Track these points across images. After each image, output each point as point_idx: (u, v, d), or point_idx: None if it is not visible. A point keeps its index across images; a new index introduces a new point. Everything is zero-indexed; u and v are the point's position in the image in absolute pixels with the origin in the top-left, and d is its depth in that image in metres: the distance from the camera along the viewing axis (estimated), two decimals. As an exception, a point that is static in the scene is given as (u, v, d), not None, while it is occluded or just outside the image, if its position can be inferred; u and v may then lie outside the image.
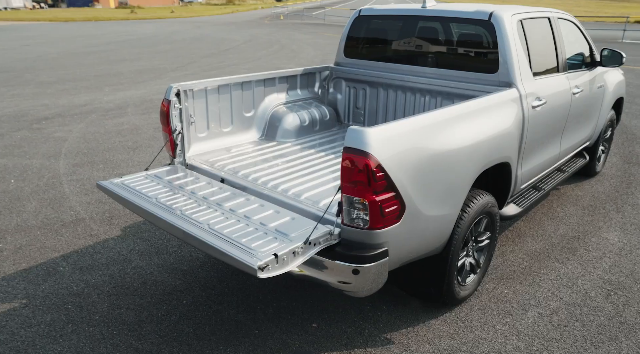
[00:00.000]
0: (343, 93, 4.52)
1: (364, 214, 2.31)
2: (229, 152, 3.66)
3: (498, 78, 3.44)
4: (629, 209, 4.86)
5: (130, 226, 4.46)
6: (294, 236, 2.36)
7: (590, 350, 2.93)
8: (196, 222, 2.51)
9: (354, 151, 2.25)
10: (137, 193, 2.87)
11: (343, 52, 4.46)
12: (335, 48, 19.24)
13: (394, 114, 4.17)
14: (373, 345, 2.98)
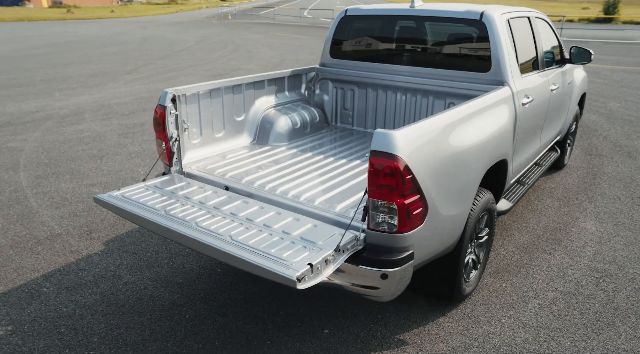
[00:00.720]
0: (330, 94, 4.50)
1: (392, 217, 2.30)
2: (225, 159, 3.54)
3: (490, 77, 3.53)
4: (599, 198, 5.14)
5: (113, 240, 4.23)
6: (321, 244, 2.31)
7: (593, 337, 3.07)
8: (216, 234, 2.40)
9: (381, 154, 2.23)
10: (143, 206, 2.71)
11: (329, 53, 4.43)
12: (290, 48, 19.15)
13: (384, 114, 4.19)
14: (388, 347, 2.98)
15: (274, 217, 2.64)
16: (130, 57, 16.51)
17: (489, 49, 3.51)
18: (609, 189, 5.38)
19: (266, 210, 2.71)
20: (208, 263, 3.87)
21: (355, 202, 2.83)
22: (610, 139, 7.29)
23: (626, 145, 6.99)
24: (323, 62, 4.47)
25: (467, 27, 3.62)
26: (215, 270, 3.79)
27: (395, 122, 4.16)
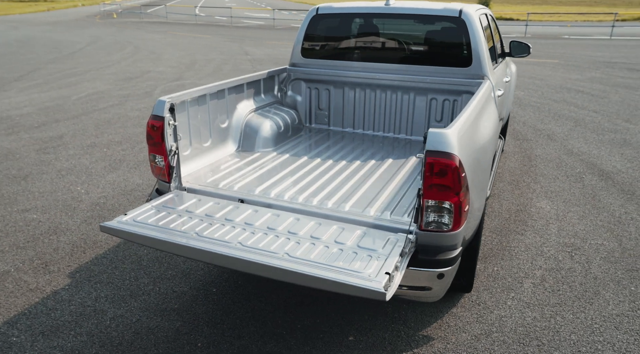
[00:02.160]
0: (303, 95, 4.37)
1: (443, 216, 2.29)
2: (220, 169, 3.29)
3: (472, 71, 3.68)
4: (542, 179, 5.63)
5: (78, 270, 3.73)
6: (383, 251, 2.23)
7: (588, 307, 3.35)
8: (270, 252, 2.20)
9: (437, 153, 2.21)
10: (167, 230, 2.40)
11: (300, 53, 4.29)
12: (197, 48, 18.37)
13: (363, 113, 4.17)
14: (417, 345, 2.99)
15: (317, 228, 2.51)
16: (12, 61, 14.66)
17: (469, 45, 3.66)
18: (545, 170, 5.92)
19: (304, 221, 2.55)
20: (199, 284, 3.57)
21: (383, 203, 2.80)
22: (529, 124, 8.03)
23: (544, 129, 7.74)
24: (294, 62, 4.33)
25: (446, 24, 3.74)
26: (210, 290, 3.51)
27: (376, 121, 4.17)
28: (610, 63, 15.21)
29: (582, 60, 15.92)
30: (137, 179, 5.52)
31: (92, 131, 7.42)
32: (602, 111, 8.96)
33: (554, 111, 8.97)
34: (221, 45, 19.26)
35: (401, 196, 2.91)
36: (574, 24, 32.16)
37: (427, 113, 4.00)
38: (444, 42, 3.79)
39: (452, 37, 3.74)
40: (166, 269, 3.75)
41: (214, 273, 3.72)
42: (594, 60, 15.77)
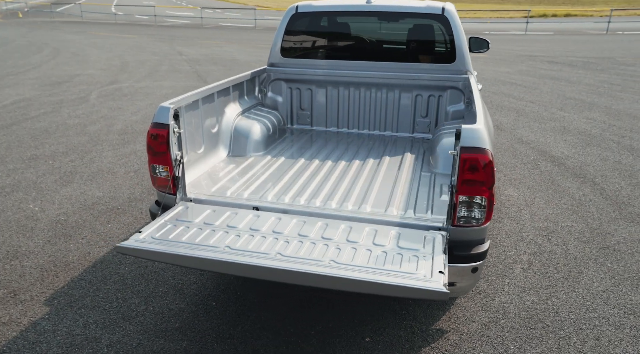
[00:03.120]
0: (284, 95, 4.24)
1: (478, 211, 2.32)
2: (220, 177, 3.12)
3: (455, 67, 3.76)
4: (503, 168, 5.92)
5: (55, 296, 3.38)
6: (425, 250, 2.21)
7: (576, 286, 3.56)
8: (314, 261, 2.09)
9: (473, 149, 2.23)
10: (193, 245, 2.21)
11: (280, 52, 4.16)
12: (124, 48, 17.40)
13: (348, 112, 4.13)
14: (433, 340, 3.01)
15: (350, 231, 2.44)
16: None
17: (452, 41, 3.74)
18: (504, 159, 6.22)
19: (333, 226, 2.47)
20: (195, 299, 3.37)
21: (401, 202, 2.80)
22: (476, 116, 8.42)
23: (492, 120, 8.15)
24: (273, 62, 4.19)
25: (429, 21, 3.79)
26: (209, 304, 3.33)
27: (361, 119, 4.15)
28: (532, 56, 16.36)
29: (507, 54, 16.97)
30: (96, 192, 5.12)
31: (29, 142, 6.78)
32: (537, 101, 9.59)
33: (496, 102, 9.47)
34: (151, 46, 18.39)
35: (415, 194, 2.92)
36: (492, 21, 34.25)
37: (412, 110, 4.05)
38: (427, 39, 3.85)
39: (436, 34, 3.81)
40: (155, 286, 3.51)
41: (209, 285, 3.53)
42: (517, 54, 16.88)
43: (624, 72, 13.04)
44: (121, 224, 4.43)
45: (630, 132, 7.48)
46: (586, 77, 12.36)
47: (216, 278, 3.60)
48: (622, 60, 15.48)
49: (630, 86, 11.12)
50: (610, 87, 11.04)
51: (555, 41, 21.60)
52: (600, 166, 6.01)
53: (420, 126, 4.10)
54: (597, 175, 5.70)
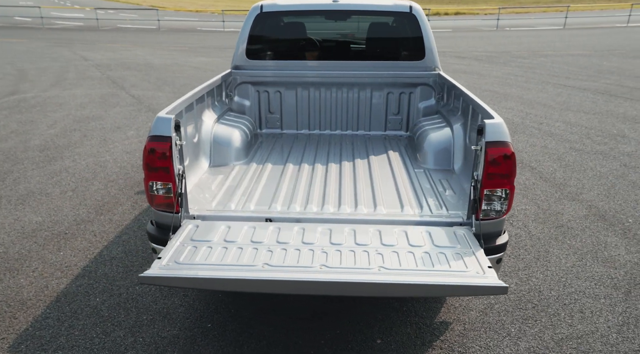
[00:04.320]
0: (252, 99, 4.05)
1: (499, 203, 2.38)
2: (212, 189, 2.92)
3: (425, 64, 3.85)
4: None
5: (19, 341, 2.94)
6: (461, 247, 2.22)
7: (548, 265, 3.82)
8: (363, 269, 2.01)
9: (497, 144, 2.28)
10: (227, 267, 2.01)
11: (245, 54, 3.95)
12: (14, 54, 15.68)
13: (319, 113, 4.04)
14: (441, 333, 3.07)
15: (379, 235, 2.39)
16: None
17: (422, 39, 3.82)
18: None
19: (362, 231, 2.42)
20: (187, 322, 3.12)
21: (410, 201, 2.81)
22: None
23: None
24: (238, 64, 3.97)
25: (397, 19, 3.83)
26: (205, 326, 3.10)
27: (333, 120, 4.08)
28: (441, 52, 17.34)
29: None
30: (33, 217, 4.55)
31: None
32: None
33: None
34: (47, 51, 16.77)
35: (421, 191, 2.96)
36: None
37: (385, 108, 4.08)
38: (396, 37, 3.90)
39: (405, 32, 3.87)
40: (138, 315, 3.19)
41: (197, 306, 3.28)
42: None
43: (522, 65, 14.34)
44: (76, 251, 3.98)
45: (545, 119, 8.23)
46: (493, 70, 13.40)
47: (205, 297, 3.36)
48: (518, 53, 17.01)
49: (531, 77, 12.25)
50: (516, 78, 12.07)
51: (456, 38, 23.14)
52: (531, 151, 6.53)
53: (392, 124, 4.16)
54: (531, 160, 6.19)
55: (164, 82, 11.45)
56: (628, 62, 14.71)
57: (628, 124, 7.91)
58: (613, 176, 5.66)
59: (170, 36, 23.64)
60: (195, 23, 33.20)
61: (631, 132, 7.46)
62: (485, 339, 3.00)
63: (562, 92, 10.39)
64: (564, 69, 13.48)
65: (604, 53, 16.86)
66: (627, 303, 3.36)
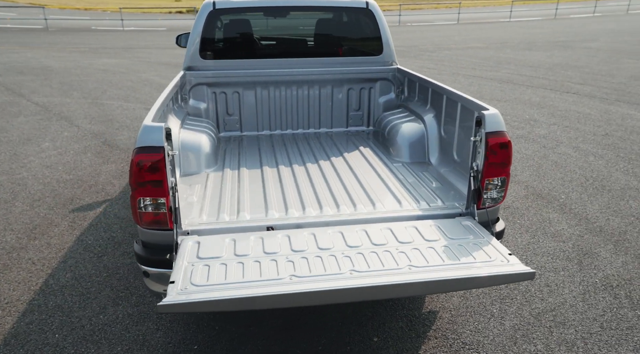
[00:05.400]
0: (207, 101, 3.77)
1: (497, 191, 2.45)
2: (194, 201, 2.70)
3: (383, 59, 3.86)
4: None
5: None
6: (476, 237, 2.27)
7: (506, 245, 4.06)
8: (393, 270, 1.94)
9: (496, 133, 2.33)
10: (251, 283, 1.85)
11: (198, 54, 3.67)
12: None
13: (280, 112, 3.88)
14: (431, 323, 3.12)
15: (392, 233, 2.35)
16: None
17: (379, 34, 3.82)
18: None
19: (373, 231, 2.37)
20: (169, 348, 2.87)
21: (403, 195, 2.82)
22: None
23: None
24: (191, 65, 3.68)
25: (354, 15, 3.80)
26: (191, 348, 2.87)
27: (294, 118, 3.94)
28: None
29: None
30: (-51, 249, 3.90)
31: None
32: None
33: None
34: None
35: (409, 185, 2.99)
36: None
37: (346, 104, 4.03)
38: (354, 33, 3.87)
39: (362, 27, 3.85)
40: (111, 347, 2.87)
41: (176, 328, 3.03)
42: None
43: (432, 58, 15.15)
44: (14, 283, 3.48)
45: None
46: (407, 63, 13.98)
47: (182, 317, 3.11)
48: (424, 47, 17.94)
49: (443, 69, 12.98)
50: (429, 71, 12.71)
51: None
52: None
53: (354, 120, 4.13)
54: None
55: (70, 87, 10.46)
56: (520, 53, 16.16)
57: (535, 109, 8.68)
58: (538, 157, 6.16)
59: (63, 36, 21.68)
60: (89, 22, 30.82)
61: (540, 116, 8.19)
62: (473, 323, 3.11)
63: (473, 82, 11.12)
64: (468, 61, 14.45)
65: (498, 45, 18.37)
66: (582, 273, 3.67)
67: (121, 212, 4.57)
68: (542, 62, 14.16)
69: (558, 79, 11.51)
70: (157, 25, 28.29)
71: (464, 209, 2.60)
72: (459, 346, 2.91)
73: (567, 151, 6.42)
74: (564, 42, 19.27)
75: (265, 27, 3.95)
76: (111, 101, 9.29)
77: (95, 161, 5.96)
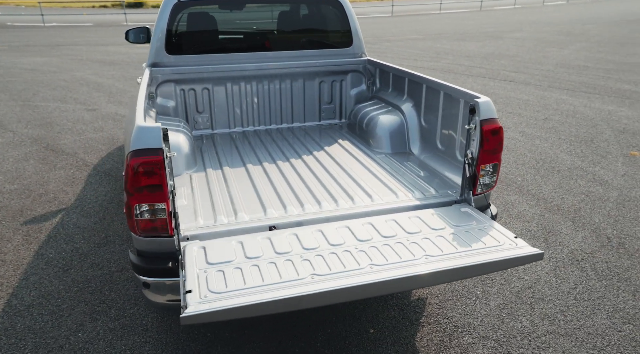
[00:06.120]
0: (176, 98, 3.57)
1: (489, 177, 2.52)
2: (186, 205, 2.57)
3: (353, 50, 3.85)
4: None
5: None
6: (479, 223, 2.32)
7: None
8: (411, 261, 1.94)
9: (490, 120, 2.39)
10: (271, 286, 1.78)
11: (165, 49, 3.46)
12: None
13: (253, 107, 3.75)
14: (421, 309, 3.19)
15: (395, 225, 2.36)
16: None
17: (348, 26, 3.80)
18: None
19: (379, 223, 2.38)
20: None
21: (395, 187, 2.83)
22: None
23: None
24: (156, 61, 3.46)
25: (323, 7, 3.74)
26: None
27: (267, 114, 3.83)
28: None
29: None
30: None
31: None
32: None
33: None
34: None
35: (399, 176, 3.01)
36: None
37: (318, 97, 3.97)
38: (324, 25, 3.82)
39: (332, 19, 3.81)
40: None
41: (167, 340, 2.89)
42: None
43: (373, 49, 15.38)
44: (-26, 306, 3.16)
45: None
46: (350, 56, 14.10)
47: (169, 327, 2.96)
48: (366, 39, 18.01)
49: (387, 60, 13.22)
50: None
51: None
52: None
53: (326, 113, 4.10)
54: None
55: (-6, 89, 9.63)
56: (456, 43, 16.82)
57: (479, 97, 9.08)
58: (490, 143, 6.45)
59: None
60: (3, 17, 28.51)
61: (485, 104, 8.57)
62: (461, 306, 3.21)
63: (416, 73, 11.44)
64: (409, 52, 14.84)
65: (434, 36, 19.01)
66: (550, 250, 3.89)
67: (81, 221, 4.28)
68: (476, 52, 14.82)
69: (494, 68, 12.10)
70: (82, 21, 26.70)
71: (459, 196, 2.66)
72: (452, 330, 2.99)
73: (514, 135, 6.76)
74: (493, 32, 20.29)
75: (234, 19, 3.82)
76: (46, 102, 8.65)
77: (40, 168, 5.53)
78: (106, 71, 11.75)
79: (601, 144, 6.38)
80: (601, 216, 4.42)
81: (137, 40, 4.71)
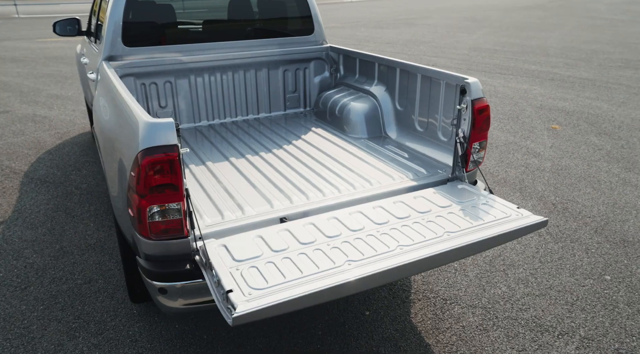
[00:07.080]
0: (136, 93, 3.29)
1: (477, 154, 2.64)
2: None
3: (315, 38, 3.82)
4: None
5: None
6: (480, 197, 2.42)
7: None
8: (434, 239, 2.00)
9: (480, 100, 2.49)
10: (311, 276, 1.75)
11: (122, 40, 3.17)
12: None
13: (220, 98, 3.57)
14: (411, 287, 3.30)
15: (405, 206, 2.40)
16: None
17: (309, 13, 3.75)
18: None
19: (389, 205, 2.42)
20: None
21: (390, 169, 2.88)
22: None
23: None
24: (112, 54, 3.16)
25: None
26: None
27: (233, 105, 3.66)
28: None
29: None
30: None
31: None
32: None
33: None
34: None
35: (388, 159, 3.06)
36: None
37: (282, 86, 3.88)
38: (285, 13, 3.74)
39: (293, 7, 3.74)
40: None
41: (161, 350, 2.73)
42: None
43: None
44: None
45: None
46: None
47: (162, 335, 2.80)
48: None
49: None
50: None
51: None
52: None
53: (291, 102, 4.02)
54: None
55: None
56: (374, 31, 17.29)
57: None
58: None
59: None
60: None
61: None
62: (443, 280, 3.36)
63: (344, 61, 11.61)
64: (333, 41, 15.00)
65: (353, 24, 19.38)
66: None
67: (26, 234, 3.88)
68: (396, 38, 15.36)
69: (415, 53, 12.63)
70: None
71: (450, 174, 2.77)
72: (442, 303, 3.13)
73: (450, 116, 7.15)
74: (406, 19, 21.13)
75: (194, 8, 3.62)
76: (-55, 106, 7.66)
77: (-41, 179, 4.91)
78: (9, 69, 10.62)
79: (526, 120, 6.94)
80: (542, 185, 4.82)
81: (64, 33, 4.43)
